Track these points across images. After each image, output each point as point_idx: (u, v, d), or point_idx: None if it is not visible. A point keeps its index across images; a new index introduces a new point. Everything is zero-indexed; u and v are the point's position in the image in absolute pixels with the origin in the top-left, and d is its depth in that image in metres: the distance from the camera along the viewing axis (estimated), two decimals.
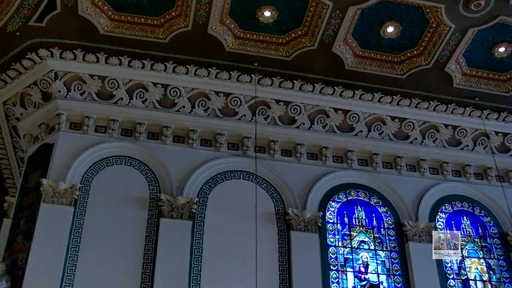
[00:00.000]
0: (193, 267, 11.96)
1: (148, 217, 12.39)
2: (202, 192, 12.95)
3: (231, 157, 13.54)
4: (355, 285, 12.86)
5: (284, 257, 12.53)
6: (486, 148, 15.15)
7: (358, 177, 14.21)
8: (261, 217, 12.44)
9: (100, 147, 12.96)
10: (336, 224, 13.50)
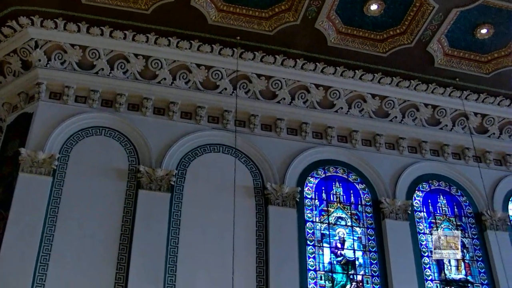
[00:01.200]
0: (170, 239, 11.98)
1: (126, 188, 12.37)
2: (181, 165, 12.95)
3: (211, 130, 13.52)
4: (331, 260, 12.97)
5: (261, 231, 12.59)
6: (465, 128, 15.27)
7: (337, 153, 14.27)
8: (239, 191, 12.49)
9: (80, 118, 12.87)
10: (314, 199, 13.58)
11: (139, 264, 11.42)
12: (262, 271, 12.16)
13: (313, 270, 12.66)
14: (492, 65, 14.77)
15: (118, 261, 11.48)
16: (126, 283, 11.24)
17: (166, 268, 11.61)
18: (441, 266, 13.67)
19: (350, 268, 13.03)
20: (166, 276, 11.53)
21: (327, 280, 12.71)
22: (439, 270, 13.62)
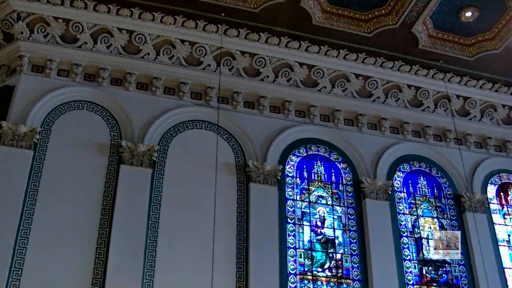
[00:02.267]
0: (151, 215, 12.00)
1: (108, 163, 12.35)
2: (163, 141, 12.93)
3: (194, 106, 13.49)
4: (311, 238, 13.06)
5: (242, 209, 12.64)
6: (447, 110, 15.35)
7: (320, 132, 14.32)
8: (221, 168, 12.52)
9: (62, 91, 12.78)
10: (295, 178, 13.63)
11: (120, 239, 11.43)
12: (242, 248, 12.22)
13: (293, 248, 12.75)
14: (476, 48, 14.82)
15: (99, 235, 11.48)
16: (106, 258, 11.24)
17: (147, 244, 11.63)
18: (419, 246, 13.82)
19: (330, 246, 13.13)
20: (146, 252, 11.55)
21: (306, 258, 12.81)
22: (418, 250, 13.77)
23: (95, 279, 11.07)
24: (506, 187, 15.62)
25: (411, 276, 13.36)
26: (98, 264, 11.21)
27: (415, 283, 13.33)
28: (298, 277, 12.51)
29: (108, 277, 11.06)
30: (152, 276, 11.41)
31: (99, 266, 11.19)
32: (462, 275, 13.77)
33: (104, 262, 11.22)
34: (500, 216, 15.07)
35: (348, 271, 12.96)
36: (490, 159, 15.64)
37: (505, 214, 15.19)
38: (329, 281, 12.74)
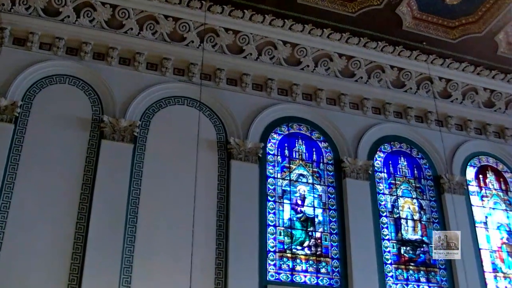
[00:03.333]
0: (132, 190, 11.98)
1: (89, 138, 12.28)
2: (145, 116, 12.89)
3: (176, 82, 13.44)
4: (291, 217, 13.13)
5: (223, 185, 12.67)
6: (429, 92, 15.42)
7: (302, 111, 14.33)
8: (202, 145, 12.50)
9: (44, 65, 12.65)
10: (276, 156, 13.67)
11: (100, 213, 11.42)
12: (222, 224, 12.26)
13: (273, 226, 12.81)
14: (459, 31, 14.85)
15: (79, 210, 11.46)
16: (86, 233, 11.23)
17: (127, 219, 11.64)
18: (398, 226, 13.93)
19: (310, 225, 13.20)
20: (126, 227, 11.56)
21: (286, 236, 12.87)
22: (396, 230, 13.89)
23: (75, 254, 11.05)
24: (485, 169, 15.78)
25: (389, 255, 13.49)
26: (78, 239, 11.18)
27: (393, 262, 13.45)
28: (277, 255, 12.58)
29: (88, 251, 11.04)
30: (132, 251, 11.43)
31: (79, 241, 11.17)
32: None
33: (84, 237, 11.20)
34: (478, 198, 15.22)
35: (327, 249, 13.05)
36: (470, 142, 15.78)
37: (483, 196, 15.35)
38: (308, 259, 12.82)
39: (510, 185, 15.80)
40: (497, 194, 15.54)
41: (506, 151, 16.13)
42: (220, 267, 11.88)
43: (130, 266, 11.30)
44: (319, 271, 12.76)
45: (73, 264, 10.98)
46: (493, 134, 16.19)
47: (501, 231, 15.02)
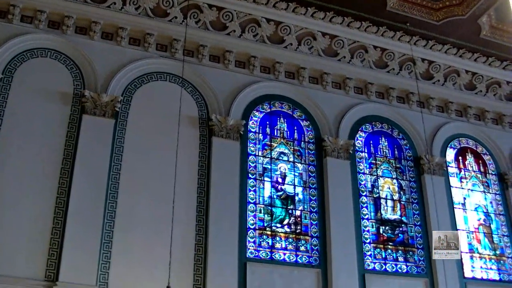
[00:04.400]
0: (113, 166, 11.98)
1: (70, 112, 12.22)
2: (127, 91, 12.83)
3: (159, 58, 13.37)
4: (271, 194, 13.18)
5: (204, 162, 12.69)
6: (411, 73, 15.48)
7: (284, 89, 14.34)
8: (184, 121, 12.41)
9: (25, 38, 12.50)
10: (258, 133, 13.69)
11: (80, 188, 11.42)
12: (202, 201, 12.30)
13: (253, 203, 12.86)
14: (443, 13, 14.85)
15: (59, 185, 11.45)
16: (66, 208, 11.23)
17: (107, 194, 11.65)
18: (377, 206, 14.04)
19: (290, 203, 13.27)
20: (107, 202, 11.58)
21: (266, 214, 12.93)
22: (376, 210, 14.00)
23: (54, 229, 11.06)
24: (464, 151, 15.92)
25: (368, 234, 13.61)
26: (58, 214, 11.18)
27: (372, 241, 13.57)
28: (257, 232, 12.65)
29: (68, 226, 11.05)
30: (112, 226, 11.45)
31: (59, 215, 11.17)
32: (417, 235, 14.05)
33: (64, 211, 11.20)
34: (457, 180, 15.37)
35: (306, 227, 13.14)
36: (451, 123, 15.90)
37: (462, 177, 15.50)
38: (287, 237, 12.89)
39: (488, 167, 15.96)
40: (476, 176, 15.70)
41: (486, 133, 16.27)
42: (200, 243, 11.92)
43: (110, 241, 11.33)
44: (298, 249, 12.84)
45: (53, 239, 10.98)
46: (473, 116, 16.32)
47: (478, 213, 15.18)
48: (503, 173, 15.88)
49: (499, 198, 15.60)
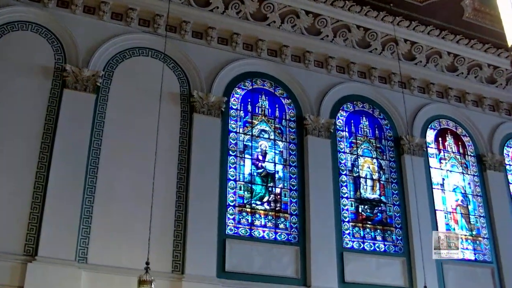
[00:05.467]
0: (93, 141, 11.92)
1: (51, 87, 12.12)
2: (109, 66, 12.74)
3: (141, 33, 13.26)
4: (251, 172, 13.22)
5: (184, 138, 12.67)
6: (393, 54, 15.51)
7: (266, 67, 14.33)
8: (165, 97, 12.46)
9: (6, 11, 12.33)
10: (239, 110, 13.69)
11: (60, 163, 11.36)
12: (183, 177, 12.31)
13: (233, 180, 12.89)
14: None
15: (39, 159, 11.40)
16: (46, 182, 11.19)
17: (88, 169, 11.61)
18: (357, 185, 14.13)
19: (270, 180, 13.32)
20: (87, 177, 11.54)
21: (246, 191, 12.98)
22: (355, 189, 14.10)
23: (34, 203, 11.03)
24: (444, 132, 16.05)
25: (347, 213, 13.71)
26: (37, 189, 11.14)
27: (351, 220, 13.69)
28: (237, 209, 12.70)
29: (48, 201, 11.02)
30: (92, 202, 11.43)
31: (38, 190, 11.13)
32: (396, 215, 14.17)
33: (44, 186, 11.16)
34: (436, 160, 15.50)
35: (286, 205, 13.21)
36: (432, 105, 16.00)
37: (441, 158, 15.63)
38: (267, 214, 12.96)
39: (467, 148, 16.10)
40: (455, 157, 15.83)
41: (466, 115, 16.40)
42: (180, 219, 11.95)
43: (89, 217, 11.32)
44: (277, 226, 12.91)
45: (32, 213, 10.95)
46: (454, 98, 16.43)
47: (456, 193, 15.35)
48: (481, 155, 16.04)
49: (477, 179, 15.77)
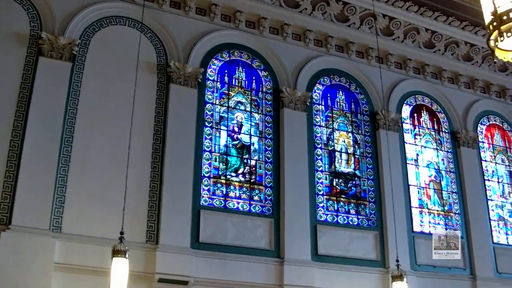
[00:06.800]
0: (68, 110, 11.81)
1: (26, 54, 11.93)
2: (85, 35, 12.59)
3: (118, 2, 13.06)
4: (227, 143, 13.22)
5: (160, 109, 12.62)
6: (372, 29, 15.51)
7: (244, 38, 14.25)
8: (142, 67, 12.36)
9: None
10: (216, 82, 13.64)
11: (35, 132, 11.27)
12: (158, 148, 12.30)
13: (209, 151, 12.90)
14: None
15: (14, 128, 11.28)
16: (20, 152, 11.08)
17: (63, 138, 11.53)
18: (332, 158, 14.21)
19: (245, 152, 13.34)
20: (62, 147, 11.48)
21: (221, 162, 12.99)
22: (330, 162, 14.17)
23: (8, 172, 10.94)
24: (420, 108, 16.16)
25: (322, 186, 13.80)
26: (11, 157, 11.04)
27: (325, 193, 13.78)
28: (211, 180, 12.72)
29: (22, 170, 10.93)
30: (67, 171, 11.38)
31: (12, 158, 11.04)
32: (370, 189, 14.30)
33: (18, 154, 11.07)
34: (411, 136, 15.62)
35: (261, 177, 13.25)
36: (408, 80, 16.09)
37: (416, 134, 15.75)
38: (241, 186, 13.00)
39: (442, 125, 16.24)
40: (430, 133, 15.96)
41: (441, 92, 16.52)
42: (155, 190, 11.96)
43: (64, 185, 11.27)
44: (252, 198, 12.97)
45: (6, 182, 10.86)
46: (430, 74, 16.51)
47: (430, 169, 15.51)
48: (455, 132, 16.19)
49: (450, 155, 15.93)
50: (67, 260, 10.70)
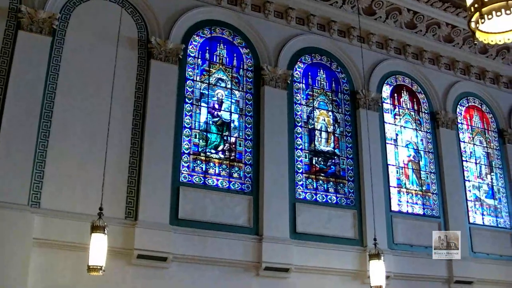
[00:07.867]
0: (48, 84, 11.70)
1: (5, 28, 11.77)
2: (66, 9, 12.44)
3: None
4: (207, 120, 13.20)
5: (141, 85, 12.56)
6: (354, 8, 15.47)
7: (225, 15, 14.17)
8: (123, 42, 12.24)
9: None
10: (197, 58, 13.59)
11: (14, 107, 11.16)
12: (138, 124, 12.26)
13: (189, 128, 12.88)
14: None
15: None
16: None
17: (42, 113, 11.44)
18: (312, 137, 14.26)
19: (225, 129, 13.34)
20: (41, 121, 11.39)
21: (201, 139, 12.99)
22: (310, 141, 14.22)
23: None
24: (400, 88, 16.23)
25: (301, 165, 13.85)
26: None
27: (304, 171, 13.84)
28: (191, 157, 12.72)
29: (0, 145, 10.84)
30: (46, 146, 11.31)
31: None
32: (349, 168, 14.38)
33: None
34: (391, 116, 15.70)
35: (240, 155, 13.28)
36: (389, 60, 16.14)
37: (396, 114, 15.83)
38: (221, 163, 13.02)
39: (422, 105, 16.34)
40: (409, 114, 16.05)
41: (422, 72, 16.59)
42: (134, 166, 11.94)
43: (43, 161, 11.21)
44: (231, 175, 13.00)
45: None
46: (411, 55, 16.56)
47: (409, 149, 15.62)
48: (435, 112, 16.30)
49: (429, 136, 16.05)
50: (46, 235, 10.68)
